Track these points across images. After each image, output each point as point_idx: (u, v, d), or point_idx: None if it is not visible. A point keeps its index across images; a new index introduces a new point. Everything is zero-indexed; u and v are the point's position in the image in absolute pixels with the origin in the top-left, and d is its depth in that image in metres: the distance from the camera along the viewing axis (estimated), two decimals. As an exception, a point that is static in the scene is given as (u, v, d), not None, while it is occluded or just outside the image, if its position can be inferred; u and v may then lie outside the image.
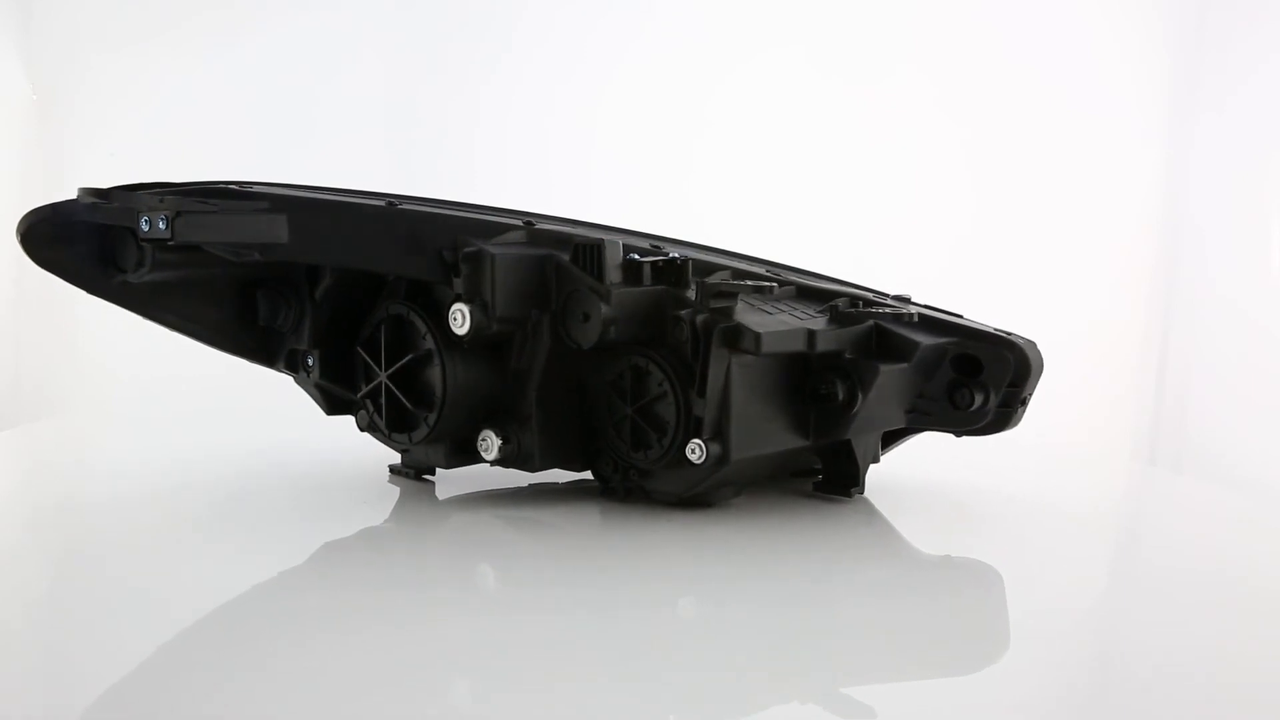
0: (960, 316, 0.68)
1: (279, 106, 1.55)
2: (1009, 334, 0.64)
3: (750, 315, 0.59)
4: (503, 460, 0.63)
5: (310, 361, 0.67)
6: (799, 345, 0.59)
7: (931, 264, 1.59)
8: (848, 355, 0.61)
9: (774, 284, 0.63)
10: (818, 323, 0.61)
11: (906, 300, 0.69)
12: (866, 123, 1.68)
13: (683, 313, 0.59)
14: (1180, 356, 1.79)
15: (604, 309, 0.59)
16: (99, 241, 0.62)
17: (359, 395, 0.67)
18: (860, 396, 0.61)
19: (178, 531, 0.60)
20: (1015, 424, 0.65)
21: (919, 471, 0.76)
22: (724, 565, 0.56)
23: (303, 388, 0.70)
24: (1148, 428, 1.82)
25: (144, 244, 0.60)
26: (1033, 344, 0.64)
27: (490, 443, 0.63)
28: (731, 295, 0.59)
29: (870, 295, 0.68)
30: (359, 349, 0.67)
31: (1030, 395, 0.64)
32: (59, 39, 1.53)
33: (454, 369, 0.63)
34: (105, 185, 0.61)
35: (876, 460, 0.70)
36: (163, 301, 0.66)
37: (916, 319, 0.63)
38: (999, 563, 0.60)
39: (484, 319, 0.60)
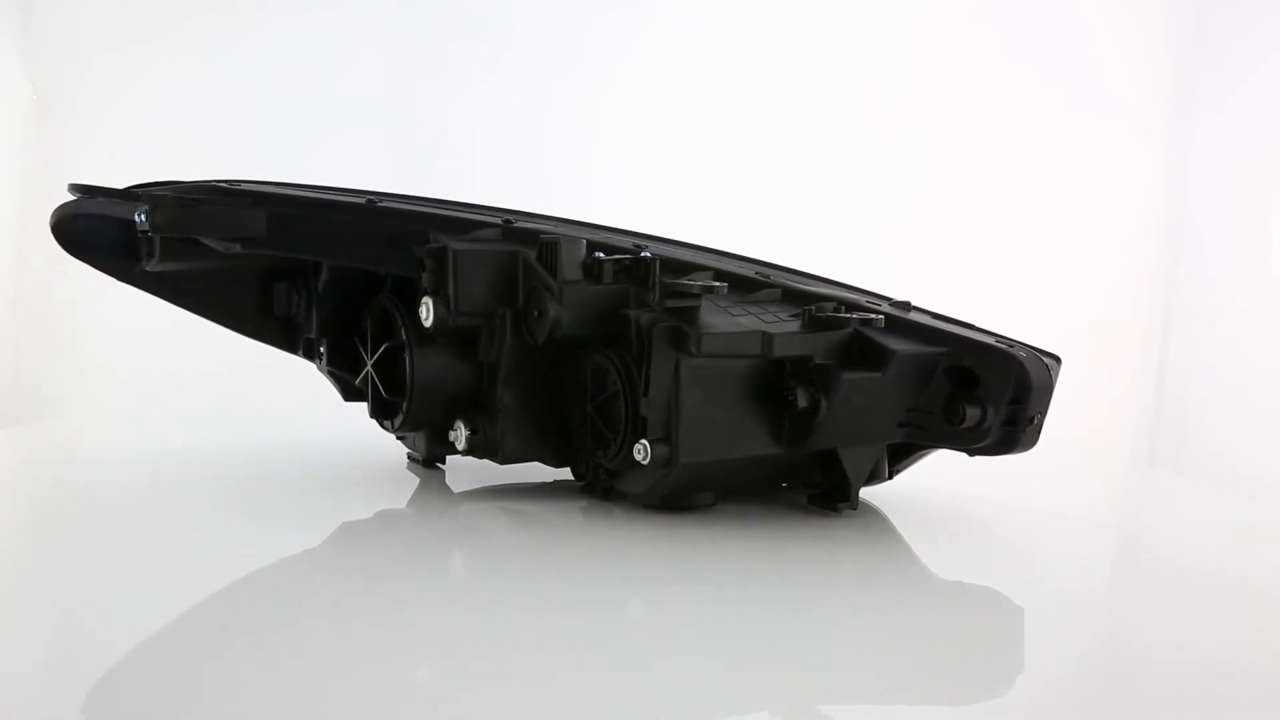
0: (971, 326, 0.65)
1: (279, 106, 1.55)
2: (1012, 345, 0.61)
3: (708, 316, 0.58)
4: (471, 450, 0.65)
5: (321, 350, 0.71)
6: (753, 349, 0.58)
7: (932, 264, 1.59)
8: (817, 361, 0.59)
9: (725, 284, 0.60)
10: (785, 326, 0.59)
11: (907, 306, 0.66)
12: (866, 123, 1.68)
13: (629, 312, 0.59)
14: (1180, 356, 1.79)
15: (552, 306, 0.59)
16: (123, 233, 0.66)
17: (355, 382, 0.71)
18: (824, 405, 0.58)
19: (188, 517, 0.61)
20: (1026, 445, 0.60)
21: (916, 473, 0.76)
22: (702, 570, 0.55)
23: (322, 374, 0.73)
24: (1148, 428, 1.82)
25: (142, 236, 0.64)
26: (1037, 358, 0.60)
27: (459, 433, 0.65)
28: (685, 294, 0.58)
29: (864, 301, 0.66)
30: (355, 338, 0.70)
31: (1039, 414, 0.60)
32: (59, 39, 1.53)
33: (423, 360, 0.65)
34: (104, 184, 0.64)
35: (885, 477, 0.67)
36: (187, 290, 0.70)
37: (884, 323, 0.60)
38: (998, 571, 0.59)
39: (445, 312, 0.61)
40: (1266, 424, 1.62)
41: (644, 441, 0.58)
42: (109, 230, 0.66)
